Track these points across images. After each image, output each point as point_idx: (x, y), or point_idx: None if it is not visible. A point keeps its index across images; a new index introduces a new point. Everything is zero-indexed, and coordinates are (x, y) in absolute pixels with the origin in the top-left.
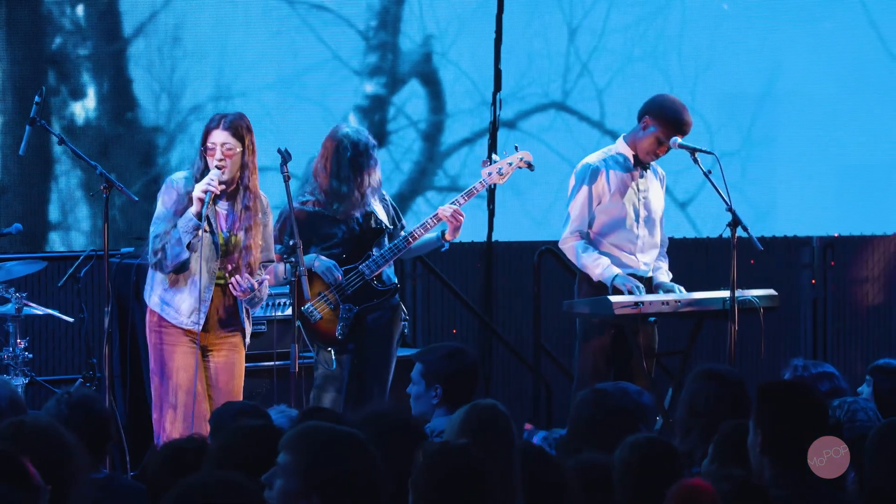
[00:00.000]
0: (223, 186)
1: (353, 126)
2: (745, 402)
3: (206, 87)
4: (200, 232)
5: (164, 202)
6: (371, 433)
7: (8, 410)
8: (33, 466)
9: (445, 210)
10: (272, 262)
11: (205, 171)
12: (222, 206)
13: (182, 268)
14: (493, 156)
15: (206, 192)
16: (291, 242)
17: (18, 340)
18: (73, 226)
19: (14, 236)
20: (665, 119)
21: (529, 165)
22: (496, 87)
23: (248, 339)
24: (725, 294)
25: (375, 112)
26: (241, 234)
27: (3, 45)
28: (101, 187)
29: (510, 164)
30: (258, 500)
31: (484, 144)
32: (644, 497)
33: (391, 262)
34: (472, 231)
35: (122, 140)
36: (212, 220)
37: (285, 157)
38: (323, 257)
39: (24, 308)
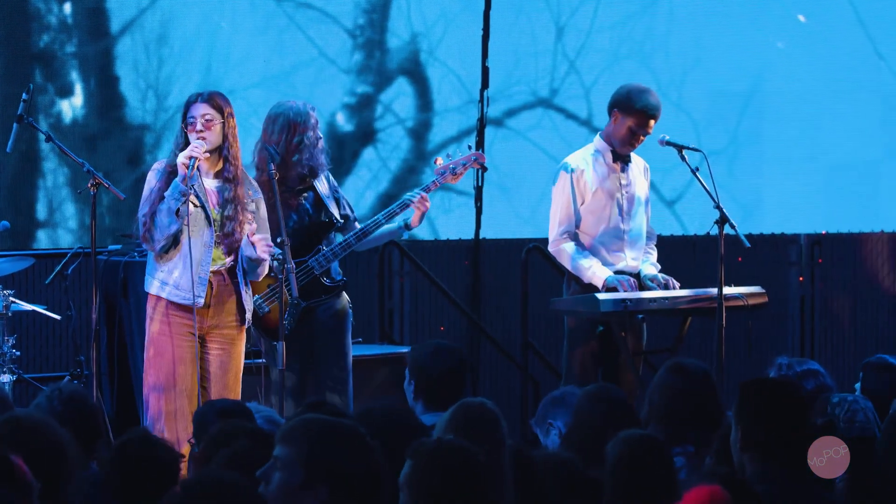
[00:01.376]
0: (207, 157)
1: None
2: (709, 396)
3: (192, 84)
4: (190, 205)
5: (148, 184)
6: (367, 428)
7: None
8: (27, 463)
9: (412, 198)
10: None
11: (185, 145)
12: (212, 185)
13: (175, 241)
14: (449, 154)
15: (189, 157)
16: (279, 240)
17: (6, 338)
18: (61, 223)
19: (1, 234)
20: (631, 109)
21: (483, 167)
22: (484, 85)
23: (249, 317)
24: (713, 291)
25: (363, 110)
26: (226, 206)
27: None
28: (89, 185)
29: (464, 165)
30: (255, 497)
31: (472, 142)
32: (634, 492)
33: (341, 256)
34: (460, 229)
35: (110, 137)
36: (201, 196)
37: (273, 156)
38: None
39: (12, 305)
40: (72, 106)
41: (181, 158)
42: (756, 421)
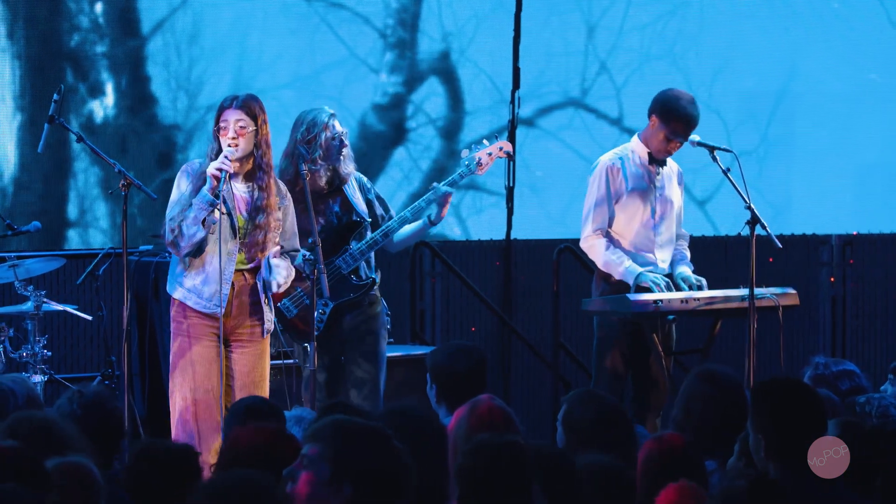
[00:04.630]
0: (237, 164)
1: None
2: (740, 406)
3: (223, 84)
4: (217, 212)
5: (178, 186)
6: (391, 429)
7: (24, 407)
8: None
9: (437, 191)
10: (297, 251)
11: (219, 151)
12: (241, 189)
13: (199, 250)
14: (474, 145)
15: (220, 169)
16: (310, 241)
17: (37, 338)
18: (92, 223)
19: (33, 234)
20: (669, 118)
21: (509, 155)
22: (515, 85)
23: (269, 326)
24: (744, 292)
25: (394, 110)
26: (256, 215)
27: (21, 43)
28: (120, 185)
29: (489, 155)
30: (280, 496)
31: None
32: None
33: (368, 255)
34: (491, 229)
35: (141, 138)
36: (229, 203)
37: (303, 156)
38: (303, 251)
39: (43, 305)
40: (103, 106)
41: (211, 169)
42: (775, 426)
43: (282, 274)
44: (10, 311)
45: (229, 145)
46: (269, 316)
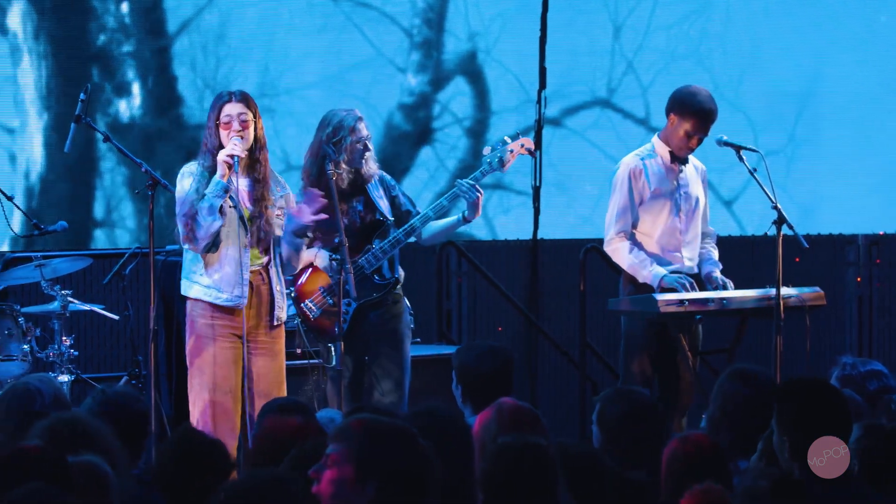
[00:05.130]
0: (245, 153)
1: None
2: (773, 406)
3: (250, 84)
4: (225, 206)
5: (182, 187)
6: (417, 429)
7: (51, 407)
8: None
9: (462, 185)
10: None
11: (219, 146)
12: (243, 184)
13: (214, 244)
14: (497, 143)
15: (231, 155)
16: (336, 240)
17: (64, 338)
18: (118, 223)
19: (59, 234)
20: (687, 112)
21: (530, 152)
22: (541, 85)
23: (284, 316)
24: (771, 292)
25: (420, 109)
26: (256, 205)
27: (48, 43)
28: (146, 185)
29: (511, 152)
30: (306, 495)
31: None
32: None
33: (391, 254)
34: (518, 229)
35: (167, 137)
36: (234, 197)
37: (330, 155)
38: (323, 251)
39: (70, 305)
40: (129, 105)
41: (222, 156)
42: (799, 427)
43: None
44: (37, 311)
45: (239, 136)
46: (282, 303)
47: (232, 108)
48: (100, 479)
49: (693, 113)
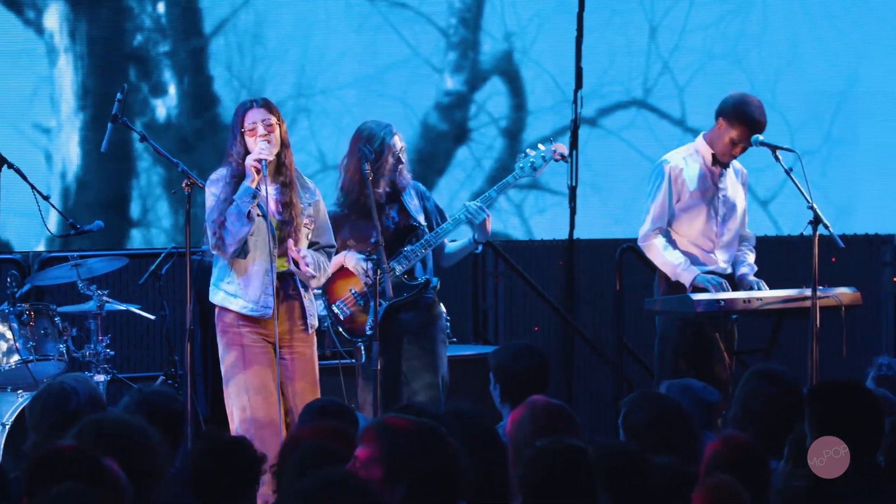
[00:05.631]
0: (272, 156)
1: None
2: (799, 404)
3: (286, 84)
4: (254, 214)
5: (211, 194)
6: (449, 429)
7: (87, 407)
8: (117, 465)
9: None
10: (333, 247)
11: (245, 153)
12: (272, 190)
13: (242, 252)
14: (529, 149)
15: (259, 160)
16: (373, 240)
17: (100, 338)
18: (154, 223)
19: (95, 233)
20: (737, 122)
21: (563, 157)
22: (577, 85)
23: (316, 323)
24: (807, 292)
25: (456, 109)
26: (284, 211)
27: (84, 43)
28: (183, 184)
29: (544, 158)
30: (372, 495)
31: (565, 142)
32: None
33: (422, 257)
34: (554, 229)
35: (203, 137)
36: (262, 205)
37: (367, 156)
38: (352, 253)
39: (106, 305)
40: (165, 105)
41: (250, 161)
42: (830, 428)
43: (308, 258)
44: (73, 311)
45: (266, 140)
46: (313, 310)
47: (255, 115)
48: (116, 483)
49: (743, 122)
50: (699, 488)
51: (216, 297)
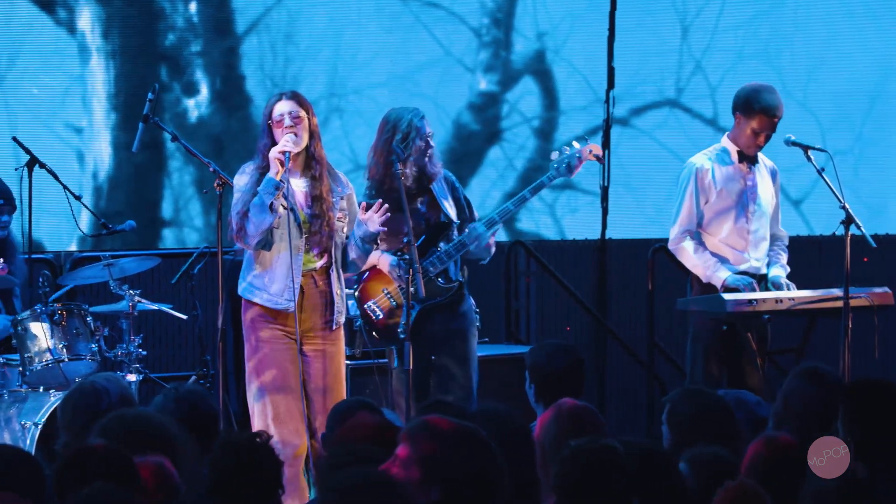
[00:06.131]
0: (298, 148)
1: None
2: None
3: (319, 83)
4: (280, 207)
5: (238, 186)
6: (485, 429)
7: (118, 407)
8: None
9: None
10: None
11: (272, 146)
12: (300, 185)
13: (266, 244)
14: (565, 147)
15: (283, 151)
16: (405, 240)
17: (132, 337)
18: (186, 222)
19: (127, 233)
20: (752, 111)
21: (598, 158)
22: (609, 85)
23: (342, 320)
24: (839, 292)
25: (489, 109)
26: (314, 204)
27: (116, 42)
28: (215, 184)
29: (579, 158)
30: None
31: (598, 142)
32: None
33: (456, 258)
34: (586, 228)
35: (235, 136)
36: (290, 199)
37: (398, 154)
38: (386, 254)
39: (138, 305)
40: (197, 105)
41: (274, 153)
42: (864, 426)
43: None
44: (105, 311)
45: (293, 133)
46: (342, 307)
47: (283, 106)
48: (167, 480)
49: (758, 110)
50: (721, 493)
51: (243, 289)
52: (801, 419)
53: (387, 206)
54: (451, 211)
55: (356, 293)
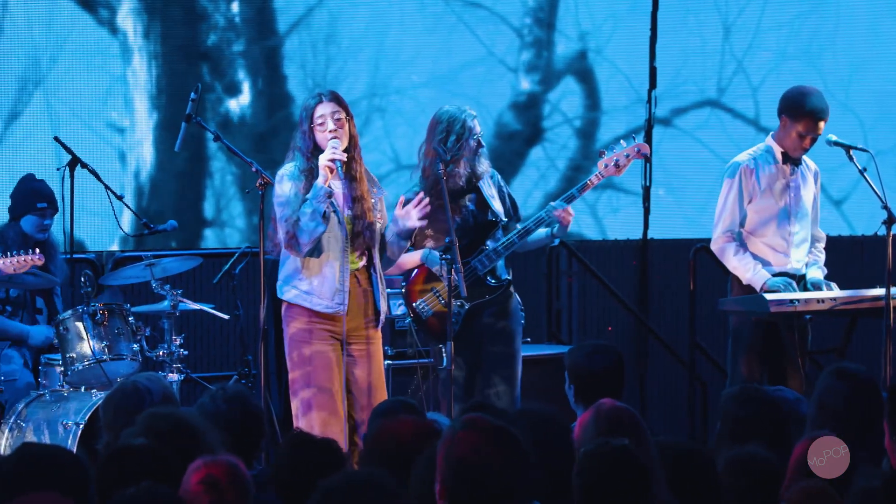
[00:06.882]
0: (344, 155)
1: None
2: (876, 401)
3: (360, 84)
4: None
5: (283, 190)
6: (522, 429)
7: (160, 406)
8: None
9: (558, 211)
10: None
11: (314, 148)
12: (338, 186)
13: (317, 249)
14: (612, 146)
15: (333, 160)
16: (448, 240)
17: (174, 337)
18: (228, 222)
19: (169, 233)
20: (798, 114)
21: (646, 157)
22: (651, 85)
23: (383, 318)
24: (881, 292)
25: (530, 109)
26: (354, 205)
27: (158, 42)
28: (257, 184)
29: (627, 157)
30: (400, 498)
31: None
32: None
33: (504, 256)
34: (628, 228)
35: (277, 136)
36: (334, 201)
37: (441, 155)
38: (435, 253)
39: (180, 305)
40: (239, 105)
41: (324, 161)
42: None
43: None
44: (147, 311)
45: (332, 138)
46: (383, 307)
47: (325, 108)
48: (238, 479)
49: (804, 114)
50: (792, 492)
51: (288, 294)
52: (837, 418)
53: (426, 200)
54: (499, 210)
55: (403, 291)
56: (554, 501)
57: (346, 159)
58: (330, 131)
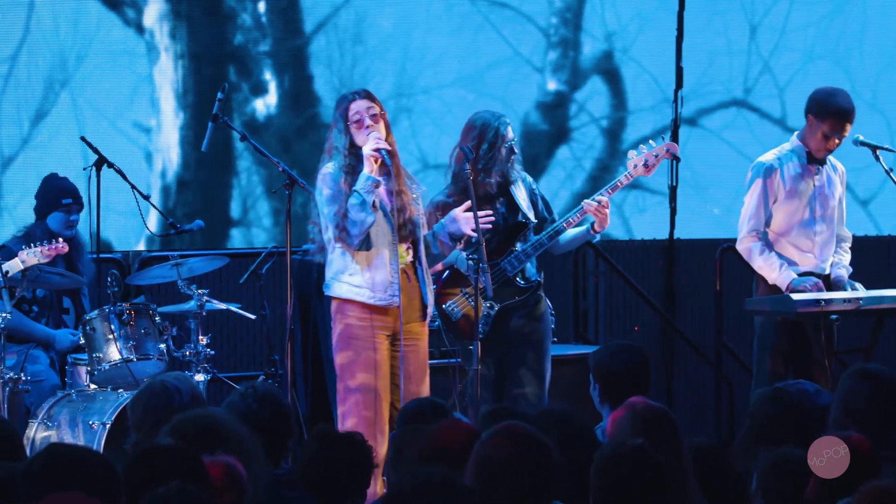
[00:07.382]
0: (388, 145)
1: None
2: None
3: (387, 83)
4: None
5: (327, 187)
6: (546, 430)
7: (189, 406)
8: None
9: (589, 205)
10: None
11: (351, 146)
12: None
13: (367, 243)
14: (641, 146)
15: (377, 149)
16: (474, 239)
17: (200, 337)
18: (255, 222)
19: (195, 233)
20: (825, 114)
21: (675, 157)
22: (678, 85)
23: (430, 312)
24: None
25: (557, 109)
26: (394, 198)
27: (184, 42)
28: (283, 184)
29: (656, 156)
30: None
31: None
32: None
33: (534, 257)
34: (654, 229)
35: (304, 136)
36: (375, 199)
37: (467, 155)
38: (465, 254)
39: (206, 304)
40: (266, 104)
41: (368, 150)
42: None
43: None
44: (174, 310)
45: (368, 133)
46: (430, 300)
47: (359, 105)
48: (235, 479)
49: (830, 114)
50: (857, 496)
51: (339, 290)
52: (861, 418)
53: (492, 216)
54: (530, 212)
55: (435, 294)
56: (575, 501)
57: (390, 148)
58: (367, 127)
